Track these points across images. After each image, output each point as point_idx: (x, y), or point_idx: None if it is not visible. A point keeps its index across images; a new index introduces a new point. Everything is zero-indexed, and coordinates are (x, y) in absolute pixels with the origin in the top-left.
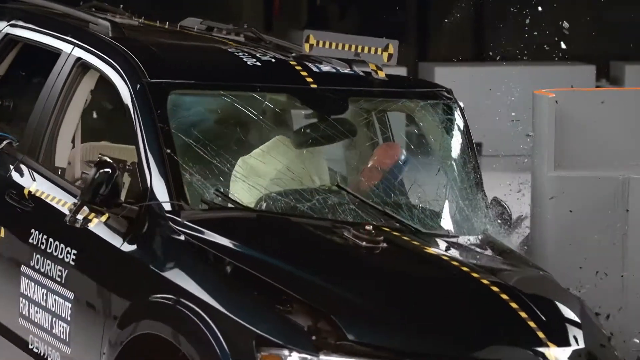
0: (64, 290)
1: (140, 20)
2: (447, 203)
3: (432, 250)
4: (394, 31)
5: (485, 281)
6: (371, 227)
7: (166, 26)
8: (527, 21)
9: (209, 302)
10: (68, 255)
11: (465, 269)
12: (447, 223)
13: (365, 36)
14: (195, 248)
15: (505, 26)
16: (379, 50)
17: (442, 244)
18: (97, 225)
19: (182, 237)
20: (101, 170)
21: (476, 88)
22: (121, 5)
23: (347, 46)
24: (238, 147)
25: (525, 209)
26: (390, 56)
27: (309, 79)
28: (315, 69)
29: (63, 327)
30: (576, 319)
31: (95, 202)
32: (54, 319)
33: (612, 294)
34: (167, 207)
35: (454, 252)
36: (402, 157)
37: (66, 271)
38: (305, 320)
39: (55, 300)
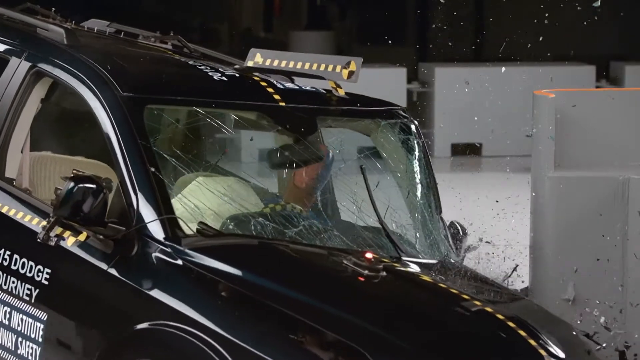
0: (34, 310)
1: (71, 25)
2: (413, 227)
3: (428, 278)
4: (394, 31)
5: (499, 315)
6: (372, 255)
7: (95, 31)
8: (527, 21)
9: (222, 333)
10: (40, 273)
11: (477, 302)
12: (421, 248)
13: (326, 55)
14: (201, 276)
15: (505, 26)
16: (338, 67)
17: (431, 271)
18: (75, 245)
19: (186, 264)
20: (80, 185)
21: (476, 88)
22: (53, 9)
23: (305, 65)
24: (213, 163)
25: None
26: (351, 73)
27: (276, 96)
28: (280, 86)
29: (32, 348)
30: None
31: (75, 220)
32: (20, 339)
33: (612, 294)
34: (161, 233)
35: (450, 281)
36: (330, 156)
37: (37, 290)
38: (329, 352)
39: (22, 319)
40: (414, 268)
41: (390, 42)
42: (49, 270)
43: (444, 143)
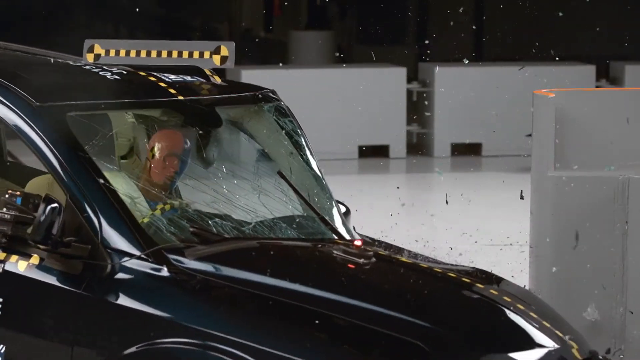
0: None
1: None
2: (318, 208)
3: (407, 260)
4: (394, 31)
5: (489, 291)
6: (361, 242)
7: None
8: (527, 21)
9: (249, 343)
10: None
11: (465, 279)
12: (340, 228)
13: (192, 40)
14: (212, 285)
15: (505, 26)
16: (207, 53)
17: (388, 251)
18: (30, 269)
19: (186, 276)
20: (50, 206)
21: (476, 88)
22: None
23: (164, 53)
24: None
25: None
26: (224, 59)
27: (172, 90)
28: (168, 80)
29: None
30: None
31: (47, 244)
32: None
33: (612, 294)
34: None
35: (425, 261)
36: (187, 141)
37: None
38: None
39: None
40: (384, 251)
41: (390, 42)
42: (0, 299)
43: (444, 143)
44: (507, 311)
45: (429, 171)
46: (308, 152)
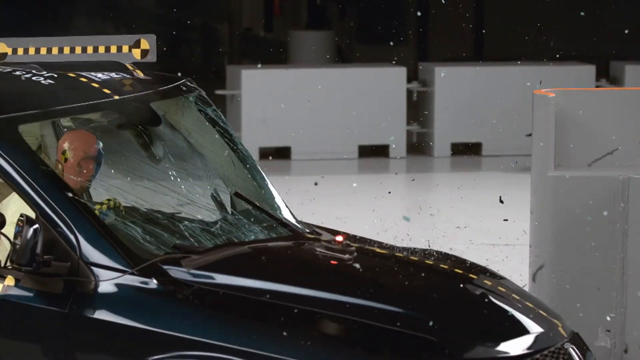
0: None
1: None
2: (257, 197)
3: (385, 251)
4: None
5: (483, 279)
6: (342, 238)
7: None
8: (527, 21)
9: (259, 353)
10: None
11: (444, 266)
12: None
13: (107, 35)
14: (212, 294)
15: (505, 26)
16: (125, 48)
17: (366, 243)
18: (6, 291)
19: (186, 288)
20: (32, 228)
21: (476, 88)
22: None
23: (77, 49)
24: (114, 169)
25: None
26: (145, 52)
27: (106, 90)
28: (97, 78)
29: None
30: None
31: (32, 266)
32: None
33: (612, 294)
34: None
35: (403, 251)
36: (99, 141)
37: None
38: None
39: None
40: (362, 245)
41: (390, 42)
42: None
43: (444, 143)
44: (500, 299)
45: (429, 171)
46: (237, 140)
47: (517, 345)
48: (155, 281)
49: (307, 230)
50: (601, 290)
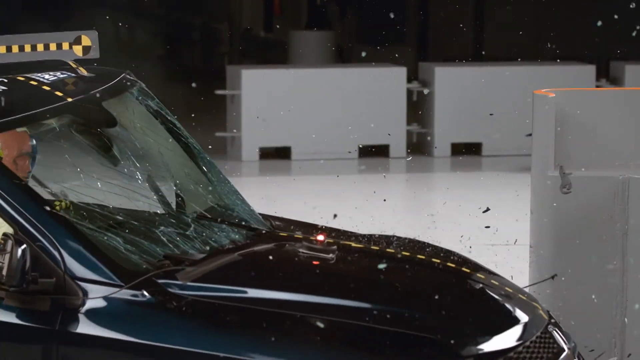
0: None
1: None
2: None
3: (363, 245)
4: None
5: (464, 270)
6: (324, 237)
7: None
8: (527, 21)
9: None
10: None
11: (436, 260)
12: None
13: (48, 33)
14: (215, 307)
15: (505, 26)
16: (66, 45)
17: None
18: None
19: (185, 302)
20: (21, 249)
21: (476, 88)
22: None
23: (14, 48)
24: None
25: None
26: (86, 49)
27: (59, 93)
28: (44, 80)
29: None
30: None
31: (22, 286)
32: None
33: (612, 294)
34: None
35: (383, 246)
36: (32, 138)
37: None
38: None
39: None
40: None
41: (390, 42)
42: None
43: (444, 143)
44: (488, 289)
45: (429, 171)
46: (185, 132)
47: (511, 336)
48: (147, 294)
49: (267, 224)
50: (601, 290)
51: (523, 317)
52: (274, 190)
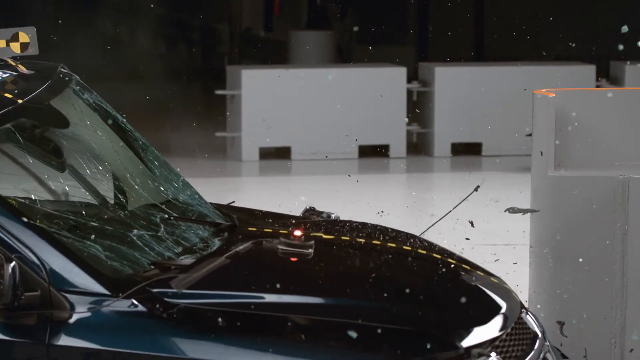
0: None
1: None
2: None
3: (333, 237)
4: (394, 31)
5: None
6: (301, 233)
7: None
8: (527, 21)
9: None
10: None
11: (422, 251)
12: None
13: None
14: (215, 314)
15: (505, 26)
16: (2, 42)
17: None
18: None
19: (182, 311)
20: (11, 266)
21: (476, 88)
22: None
23: None
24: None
25: None
26: (24, 45)
27: (8, 95)
28: None
29: None
30: None
31: (14, 304)
32: None
33: (612, 294)
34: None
35: (366, 237)
36: None
37: None
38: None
39: None
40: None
41: (390, 42)
42: None
43: (444, 143)
44: (470, 277)
45: (429, 171)
46: (127, 124)
47: (496, 325)
48: (139, 304)
49: (226, 218)
50: (601, 290)
51: (503, 305)
52: (274, 190)
